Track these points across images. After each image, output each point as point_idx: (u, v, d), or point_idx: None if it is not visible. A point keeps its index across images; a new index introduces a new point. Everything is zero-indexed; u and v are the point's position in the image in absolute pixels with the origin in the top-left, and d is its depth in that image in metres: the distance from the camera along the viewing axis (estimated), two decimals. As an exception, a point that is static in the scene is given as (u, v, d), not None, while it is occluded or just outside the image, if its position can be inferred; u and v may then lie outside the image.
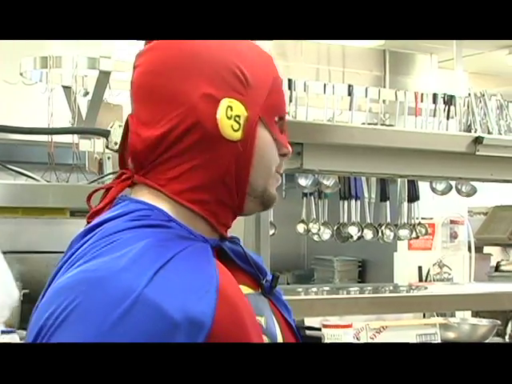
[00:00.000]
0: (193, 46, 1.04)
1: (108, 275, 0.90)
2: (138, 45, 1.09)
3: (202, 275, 0.95)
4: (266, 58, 1.08)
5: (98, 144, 2.91)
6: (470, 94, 3.11)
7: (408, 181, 3.28)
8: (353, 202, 3.21)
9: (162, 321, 0.88)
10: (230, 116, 1.01)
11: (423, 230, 3.39)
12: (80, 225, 1.06)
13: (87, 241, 0.98)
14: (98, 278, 0.90)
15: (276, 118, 1.06)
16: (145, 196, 1.04)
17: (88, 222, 1.04)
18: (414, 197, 3.33)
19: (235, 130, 1.02)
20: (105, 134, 2.20)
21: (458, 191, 3.24)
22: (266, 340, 1.04)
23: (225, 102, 1.01)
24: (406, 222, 3.32)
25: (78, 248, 0.98)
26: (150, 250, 0.94)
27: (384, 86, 5.12)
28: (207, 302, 0.92)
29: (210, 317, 0.91)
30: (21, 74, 3.22)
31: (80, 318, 0.89)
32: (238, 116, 1.02)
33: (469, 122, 3.13)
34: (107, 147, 2.23)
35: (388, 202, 3.29)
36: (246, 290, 1.05)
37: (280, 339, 1.08)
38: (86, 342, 0.87)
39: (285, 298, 1.16)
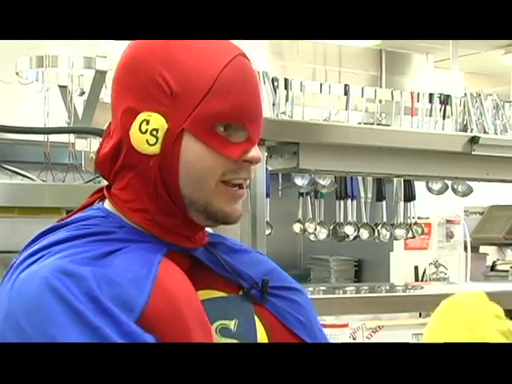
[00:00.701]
0: (131, 56, 1.03)
1: (31, 276, 0.92)
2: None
3: (137, 268, 0.96)
4: (211, 61, 0.99)
5: (94, 143, 2.90)
6: (466, 94, 3.12)
7: (404, 180, 3.28)
8: (349, 201, 3.21)
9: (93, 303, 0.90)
10: (144, 130, 0.99)
11: (419, 230, 3.39)
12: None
13: (33, 246, 1.00)
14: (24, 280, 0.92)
15: (219, 126, 0.99)
16: (108, 202, 1.06)
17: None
18: (410, 196, 3.33)
19: (151, 144, 0.99)
20: (101, 133, 2.19)
21: (454, 191, 3.24)
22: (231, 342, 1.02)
23: (141, 116, 0.99)
24: (402, 221, 3.32)
25: (26, 251, 1.00)
26: (76, 258, 0.95)
27: (380, 86, 5.12)
28: (140, 289, 0.93)
29: (143, 299, 0.92)
30: (17, 74, 3.22)
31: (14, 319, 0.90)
32: (156, 129, 0.98)
33: (465, 122, 3.14)
34: (103, 147, 2.22)
35: (384, 202, 3.29)
36: (212, 294, 1.05)
37: None
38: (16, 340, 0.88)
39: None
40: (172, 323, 0.94)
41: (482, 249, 4.59)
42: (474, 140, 2.31)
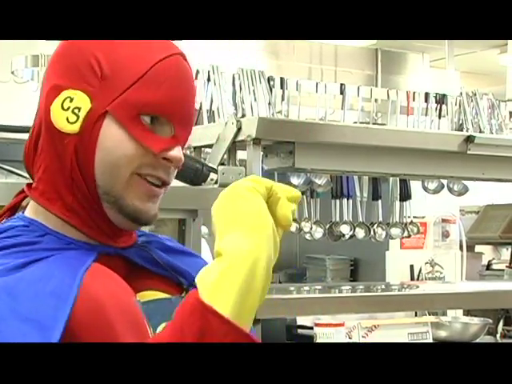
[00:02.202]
0: (66, 43, 1.00)
1: None
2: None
3: (60, 276, 0.90)
4: (148, 52, 0.97)
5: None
6: (461, 93, 3.13)
7: (400, 180, 3.28)
8: (345, 200, 3.21)
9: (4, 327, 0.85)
10: (66, 107, 0.95)
11: (415, 229, 3.39)
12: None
13: None
14: None
15: (143, 116, 0.96)
16: (30, 208, 1.01)
17: None
18: (405, 196, 3.33)
19: (71, 122, 0.95)
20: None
21: (450, 190, 3.24)
22: None
23: (65, 93, 0.95)
24: (397, 220, 3.33)
25: None
26: None
27: (376, 85, 5.13)
28: (63, 300, 0.88)
29: (66, 312, 0.87)
30: (12, 73, 3.22)
31: None
32: (78, 108, 0.95)
33: (460, 121, 3.15)
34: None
35: (380, 201, 3.29)
36: (155, 295, 1.00)
37: None
38: None
39: (277, 296, 1.15)
40: (99, 330, 0.90)
41: (478, 248, 4.60)
42: (469, 139, 2.31)
